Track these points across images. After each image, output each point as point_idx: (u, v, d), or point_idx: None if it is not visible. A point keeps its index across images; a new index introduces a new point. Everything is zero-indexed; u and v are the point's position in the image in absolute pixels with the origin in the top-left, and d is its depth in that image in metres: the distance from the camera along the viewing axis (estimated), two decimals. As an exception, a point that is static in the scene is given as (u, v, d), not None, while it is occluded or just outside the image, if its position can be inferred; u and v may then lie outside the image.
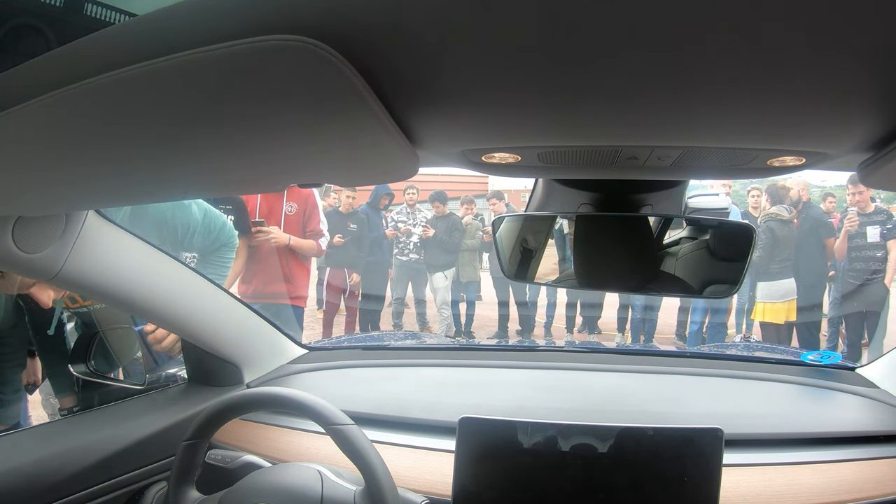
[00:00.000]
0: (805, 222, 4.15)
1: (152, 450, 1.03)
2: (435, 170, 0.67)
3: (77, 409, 1.67)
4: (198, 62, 0.31)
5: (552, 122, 0.42)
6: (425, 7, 0.28)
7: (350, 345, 1.65)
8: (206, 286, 1.10)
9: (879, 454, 0.94)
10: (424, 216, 5.13)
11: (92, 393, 1.58)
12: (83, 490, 0.93)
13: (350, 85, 0.32)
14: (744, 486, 0.88)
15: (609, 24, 0.28)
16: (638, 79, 0.33)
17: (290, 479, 0.80)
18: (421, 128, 0.43)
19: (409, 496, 0.84)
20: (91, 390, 1.58)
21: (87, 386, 1.57)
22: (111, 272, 0.88)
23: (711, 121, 0.41)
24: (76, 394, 1.68)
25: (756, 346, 3.43)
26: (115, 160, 0.48)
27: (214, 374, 1.18)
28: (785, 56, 0.30)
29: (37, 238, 0.75)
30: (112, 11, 0.41)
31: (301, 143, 0.45)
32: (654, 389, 1.17)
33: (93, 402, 1.56)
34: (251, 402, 0.84)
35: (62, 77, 0.35)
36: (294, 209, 3.07)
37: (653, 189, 0.78)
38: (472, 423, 0.89)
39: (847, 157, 0.50)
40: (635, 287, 0.88)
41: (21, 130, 0.42)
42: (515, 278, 0.89)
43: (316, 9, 0.29)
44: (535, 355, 1.36)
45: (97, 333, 1.27)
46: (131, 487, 1.00)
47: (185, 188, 0.72)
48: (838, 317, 4.22)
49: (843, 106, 0.37)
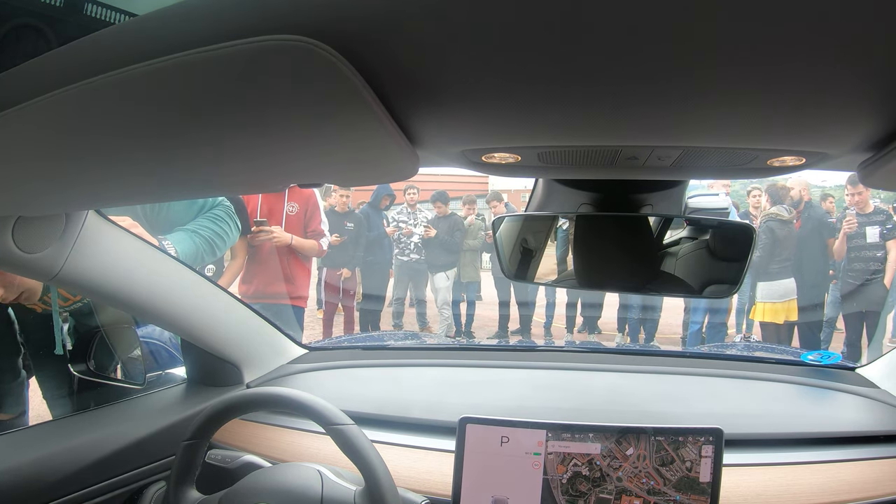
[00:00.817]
0: (807, 222, 4.16)
1: (151, 450, 1.03)
2: (435, 170, 0.67)
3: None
4: (198, 62, 0.31)
5: (552, 122, 0.42)
6: (425, 7, 0.28)
7: (350, 345, 1.65)
8: (207, 286, 1.10)
9: (879, 454, 0.94)
10: (425, 216, 5.13)
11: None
12: (82, 490, 0.93)
13: (350, 85, 0.32)
14: (744, 486, 0.88)
15: (609, 25, 0.28)
16: (638, 79, 0.33)
17: (290, 479, 0.80)
18: (421, 128, 0.43)
19: (409, 496, 0.84)
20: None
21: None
22: (111, 272, 0.88)
23: (711, 121, 0.41)
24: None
25: (756, 346, 3.43)
26: (115, 160, 0.48)
27: (213, 374, 1.17)
28: (785, 56, 0.30)
29: (37, 238, 0.75)
30: (112, 11, 0.41)
31: (301, 143, 0.45)
32: (654, 389, 1.17)
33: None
34: (251, 402, 0.84)
35: (62, 77, 0.35)
36: (295, 209, 3.07)
37: (653, 189, 0.78)
38: (472, 422, 0.89)
39: (847, 157, 0.50)
40: (635, 287, 0.88)
41: (21, 130, 0.42)
42: (515, 278, 0.89)
43: (316, 9, 0.29)
44: (535, 355, 1.36)
45: (98, 332, 1.26)
46: (130, 487, 1.00)
47: (186, 188, 0.72)
48: (834, 317, 4.24)
49: (843, 106, 0.37)
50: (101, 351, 1.33)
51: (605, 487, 0.87)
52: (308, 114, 0.38)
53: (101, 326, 1.33)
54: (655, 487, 0.86)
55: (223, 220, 1.69)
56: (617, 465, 0.87)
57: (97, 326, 1.35)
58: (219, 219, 1.68)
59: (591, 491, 0.87)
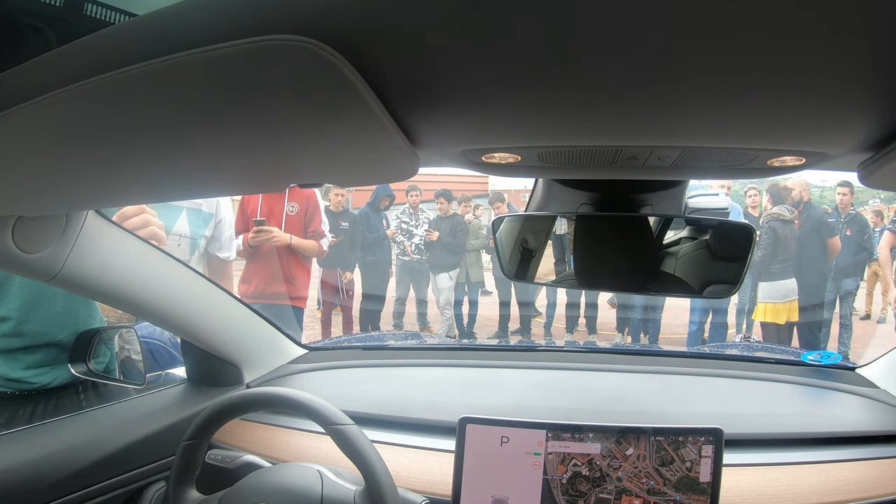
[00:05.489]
0: (806, 222, 4.17)
1: (151, 450, 1.03)
2: (435, 170, 0.67)
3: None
4: (198, 62, 0.31)
5: (552, 122, 0.42)
6: (425, 7, 0.28)
7: (350, 345, 1.65)
8: (207, 286, 1.10)
9: (879, 454, 0.94)
10: (427, 216, 5.13)
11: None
12: (82, 490, 0.93)
13: (350, 85, 0.32)
14: (744, 486, 0.88)
15: (609, 25, 0.28)
16: (638, 79, 0.33)
17: (290, 479, 0.80)
18: (421, 128, 0.43)
19: (409, 496, 0.84)
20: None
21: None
22: (111, 272, 0.88)
23: (711, 121, 0.41)
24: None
25: (756, 346, 3.42)
26: (115, 160, 0.48)
27: (213, 373, 1.17)
28: (785, 56, 0.30)
29: (37, 238, 0.75)
30: (112, 11, 0.41)
31: (301, 143, 0.45)
32: (654, 389, 1.17)
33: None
34: (251, 402, 0.84)
35: (62, 77, 0.35)
36: (295, 209, 3.07)
37: (653, 189, 0.78)
38: (472, 422, 0.89)
39: (847, 157, 0.50)
40: (635, 287, 0.88)
41: (21, 130, 0.42)
42: (515, 278, 0.89)
43: (316, 9, 0.29)
44: (535, 355, 1.36)
45: (98, 332, 1.26)
46: (130, 487, 1.00)
47: (186, 188, 0.72)
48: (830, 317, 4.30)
49: (843, 106, 0.37)
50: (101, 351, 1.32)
51: (605, 487, 0.87)
52: (308, 114, 0.38)
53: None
54: (655, 487, 0.86)
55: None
56: (617, 465, 0.87)
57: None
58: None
59: (591, 491, 0.87)
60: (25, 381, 1.21)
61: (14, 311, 1.18)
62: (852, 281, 4.46)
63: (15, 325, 1.19)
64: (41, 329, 1.21)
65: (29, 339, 1.20)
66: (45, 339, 1.22)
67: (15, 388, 1.22)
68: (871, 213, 5.84)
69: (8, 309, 1.18)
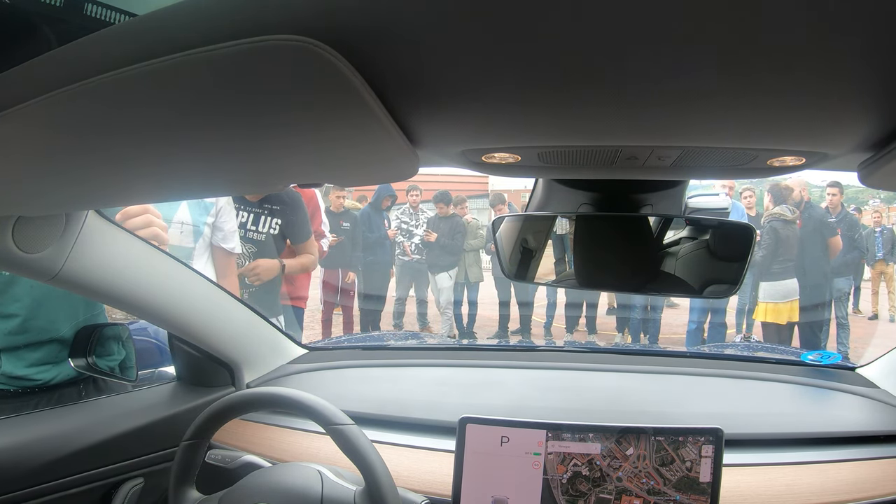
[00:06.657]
0: (808, 222, 4.17)
1: (129, 446, 1.03)
2: (436, 170, 0.67)
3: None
4: (198, 62, 0.31)
5: (552, 122, 0.42)
6: (425, 7, 0.28)
7: (350, 345, 1.65)
8: (207, 286, 1.10)
9: (879, 454, 0.94)
10: (427, 216, 5.14)
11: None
12: (56, 480, 0.93)
13: (350, 85, 0.32)
14: (744, 486, 0.88)
15: (609, 25, 0.28)
16: (638, 79, 0.33)
17: (290, 479, 0.80)
18: (421, 128, 0.43)
19: (409, 496, 0.84)
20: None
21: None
22: (111, 272, 0.88)
23: (711, 121, 0.41)
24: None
25: (756, 346, 3.43)
26: (115, 160, 0.48)
27: (201, 373, 1.17)
28: (785, 56, 0.30)
29: (37, 238, 0.75)
30: (112, 11, 0.41)
31: (301, 143, 0.45)
32: (654, 389, 1.17)
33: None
34: (251, 402, 0.84)
35: (62, 77, 0.35)
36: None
37: (653, 189, 0.78)
38: (472, 422, 0.89)
39: (847, 157, 0.50)
40: (635, 287, 0.88)
41: (21, 130, 0.42)
42: (515, 278, 0.89)
43: (316, 9, 0.29)
44: (535, 355, 1.36)
45: (96, 328, 1.26)
46: (106, 482, 1.00)
47: (186, 188, 0.72)
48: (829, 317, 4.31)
49: (843, 106, 0.37)
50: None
51: (605, 487, 0.87)
52: (308, 114, 0.38)
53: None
54: (655, 487, 0.86)
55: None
56: (617, 465, 0.87)
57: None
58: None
59: (591, 491, 0.87)
60: (28, 378, 1.23)
61: (23, 308, 1.20)
62: (845, 280, 4.47)
63: (21, 322, 1.20)
64: (46, 325, 1.23)
65: (33, 336, 1.22)
66: (49, 335, 1.23)
67: (18, 386, 1.23)
68: (870, 213, 5.85)
69: (17, 307, 1.20)
